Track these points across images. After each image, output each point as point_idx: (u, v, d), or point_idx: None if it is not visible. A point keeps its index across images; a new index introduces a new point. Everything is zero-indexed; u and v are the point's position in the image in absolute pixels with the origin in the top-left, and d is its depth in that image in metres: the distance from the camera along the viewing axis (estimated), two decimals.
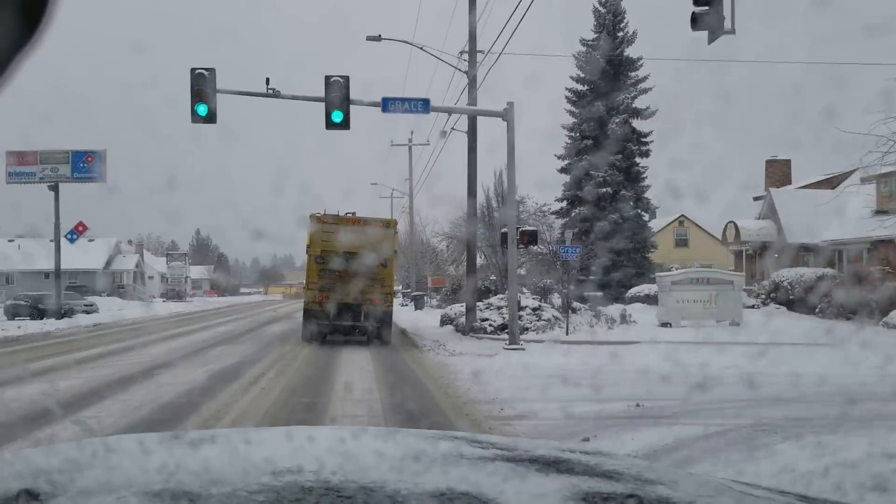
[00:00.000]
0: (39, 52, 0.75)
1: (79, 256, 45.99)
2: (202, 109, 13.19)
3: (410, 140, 39.44)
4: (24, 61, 0.74)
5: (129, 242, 65.16)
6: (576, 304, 19.71)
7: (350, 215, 16.51)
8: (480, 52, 17.78)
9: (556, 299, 20.89)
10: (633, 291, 27.74)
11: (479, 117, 18.17)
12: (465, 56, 18.39)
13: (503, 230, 16.83)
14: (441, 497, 1.16)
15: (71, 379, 10.44)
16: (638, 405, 7.92)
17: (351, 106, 13.71)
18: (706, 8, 8.46)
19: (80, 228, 33.38)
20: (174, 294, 58.03)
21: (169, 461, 1.37)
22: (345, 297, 15.77)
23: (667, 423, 6.94)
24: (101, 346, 16.10)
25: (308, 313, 16.19)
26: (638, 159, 31.60)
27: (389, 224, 17.27)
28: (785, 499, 1.46)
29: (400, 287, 57.85)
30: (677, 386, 9.15)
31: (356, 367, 12.37)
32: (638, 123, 31.56)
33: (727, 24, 8.48)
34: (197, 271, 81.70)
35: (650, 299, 25.45)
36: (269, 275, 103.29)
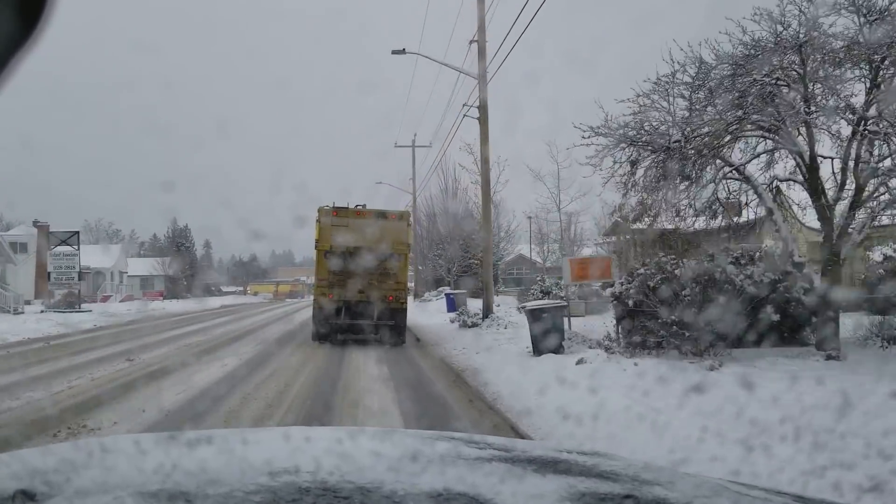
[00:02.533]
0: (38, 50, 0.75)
1: None
2: None
3: None
4: (22, 61, 0.74)
5: (36, 223, 43.38)
6: None
7: (360, 208, 16.07)
8: None
9: None
10: None
11: None
12: None
13: None
14: (438, 497, 1.16)
15: None
16: None
17: None
18: None
19: None
20: (66, 299, 33.93)
21: (165, 461, 1.37)
22: (356, 294, 15.47)
23: None
24: None
25: (317, 311, 15.91)
26: None
27: (402, 216, 16.84)
28: (781, 499, 1.46)
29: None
30: None
31: None
32: None
33: None
34: (145, 266, 62.94)
35: None
36: (251, 270, 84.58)
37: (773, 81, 10.09)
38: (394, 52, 20.28)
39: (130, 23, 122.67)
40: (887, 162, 9.93)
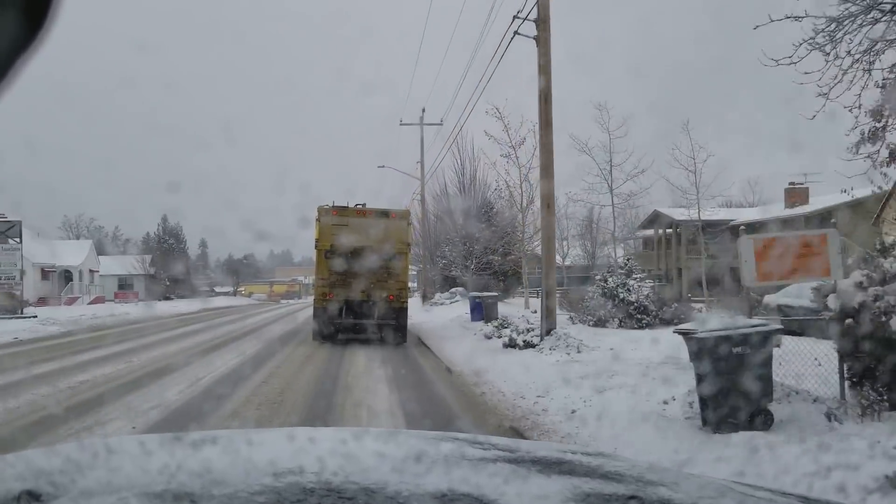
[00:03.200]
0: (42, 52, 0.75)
1: None
2: None
3: None
4: (27, 63, 0.74)
5: None
6: None
7: (360, 207, 16.15)
8: None
9: None
10: None
11: None
12: None
13: None
14: (442, 498, 1.16)
15: None
16: None
17: None
18: None
19: None
20: (5, 302, 27.39)
21: (170, 462, 1.38)
22: (357, 294, 15.57)
23: None
24: None
25: (318, 311, 15.96)
26: None
27: (403, 215, 16.93)
28: (786, 500, 1.45)
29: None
30: None
31: None
32: None
33: None
34: (123, 264, 54.67)
35: None
36: (245, 269, 76.35)
37: None
38: None
39: (131, 23, 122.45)
40: None
